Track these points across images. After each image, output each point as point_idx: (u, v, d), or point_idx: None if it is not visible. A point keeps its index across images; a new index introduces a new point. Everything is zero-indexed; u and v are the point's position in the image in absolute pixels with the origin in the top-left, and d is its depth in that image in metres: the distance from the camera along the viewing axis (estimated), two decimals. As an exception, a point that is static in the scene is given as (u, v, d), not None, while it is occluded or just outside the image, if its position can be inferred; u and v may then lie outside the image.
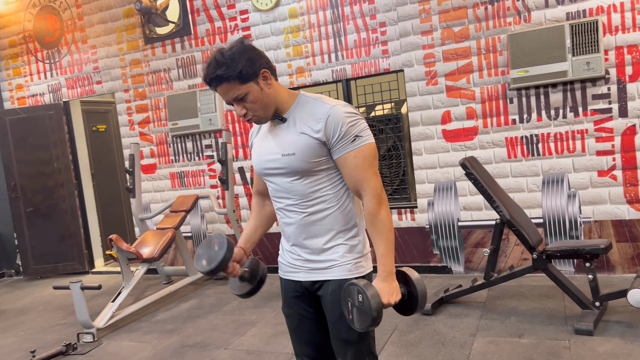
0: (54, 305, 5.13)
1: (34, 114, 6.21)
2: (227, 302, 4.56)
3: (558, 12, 4.07)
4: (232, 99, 1.63)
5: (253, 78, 1.61)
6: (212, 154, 5.51)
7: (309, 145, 1.64)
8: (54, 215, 6.25)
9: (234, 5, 5.19)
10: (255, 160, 1.80)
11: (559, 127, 4.16)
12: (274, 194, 1.77)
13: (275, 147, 1.71)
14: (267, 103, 1.65)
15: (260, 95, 1.63)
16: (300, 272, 1.77)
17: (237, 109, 1.66)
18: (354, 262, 1.71)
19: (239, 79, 1.58)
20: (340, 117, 1.62)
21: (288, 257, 1.81)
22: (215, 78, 1.59)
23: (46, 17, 6.19)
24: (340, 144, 1.63)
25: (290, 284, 1.82)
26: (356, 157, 1.63)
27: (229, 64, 1.57)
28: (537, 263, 3.43)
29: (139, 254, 4.38)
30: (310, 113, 1.66)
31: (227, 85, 1.59)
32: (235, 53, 1.59)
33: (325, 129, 1.62)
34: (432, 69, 4.51)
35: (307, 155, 1.64)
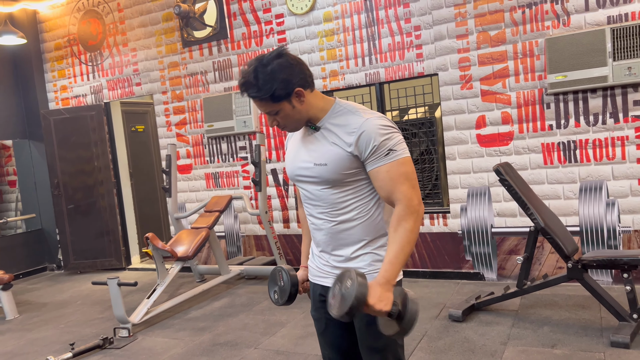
0: (92, 299, 5.30)
1: (77, 114, 6.43)
2: (258, 301, 4.63)
3: (599, 16, 3.97)
4: (264, 112, 1.67)
5: (286, 98, 1.61)
6: (246, 155, 5.60)
7: (340, 157, 1.63)
8: (94, 213, 6.46)
9: (269, 10, 5.26)
10: (288, 165, 1.82)
11: (598, 134, 4.06)
12: (305, 200, 1.80)
13: (307, 155, 1.72)
14: (299, 118, 1.67)
15: (292, 112, 1.64)
16: (328, 278, 1.79)
17: (269, 119, 1.70)
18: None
19: (271, 99, 1.60)
20: (374, 130, 1.60)
21: (317, 262, 1.84)
22: (248, 91, 1.62)
23: (90, 21, 6.41)
24: (373, 157, 1.61)
25: (318, 288, 1.84)
26: (389, 171, 1.60)
27: (261, 87, 1.58)
28: (572, 272, 3.36)
29: (174, 253, 4.49)
30: (343, 124, 1.65)
31: (260, 102, 1.62)
32: (269, 74, 1.57)
33: (358, 143, 1.61)
34: (467, 73, 4.46)
35: (338, 166, 1.64)
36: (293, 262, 5.43)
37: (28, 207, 6.89)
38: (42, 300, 5.45)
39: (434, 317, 3.81)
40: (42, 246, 6.88)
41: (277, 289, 1.90)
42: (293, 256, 5.45)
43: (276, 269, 1.90)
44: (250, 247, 5.73)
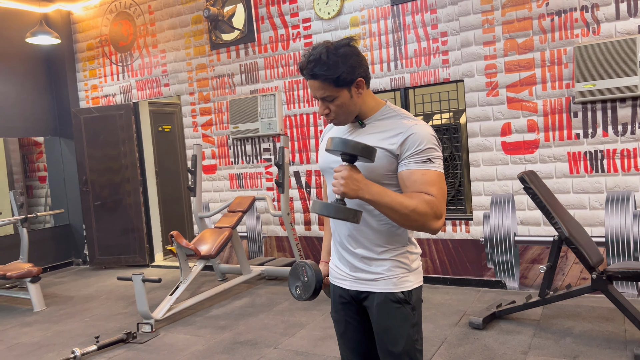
0: (116, 295, 5.42)
1: (106, 113, 6.59)
2: (278, 302, 4.67)
3: (630, 25, 3.92)
4: (321, 98, 1.63)
5: (348, 85, 1.60)
6: (269, 157, 5.66)
7: (381, 155, 1.62)
8: (120, 210, 6.60)
9: (297, 14, 5.32)
10: (322, 155, 1.80)
11: (626, 144, 4.00)
12: (331, 194, 1.79)
13: None
14: (352, 110, 1.66)
15: (348, 102, 1.63)
16: (347, 281, 1.79)
17: (321, 106, 1.66)
18: (400, 277, 1.71)
19: (334, 82, 1.58)
20: (424, 135, 1.59)
21: (338, 263, 1.84)
22: (312, 74, 1.58)
23: (121, 22, 6.57)
24: (411, 158, 1.59)
25: (339, 290, 1.85)
26: (425, 175, 1.58)
27: (330, 66, 1.56)
28: (596, 283, 3.31)
29: (197, 251, 4.57)
30: (391, 127, 1.64)
31: (321, 84, 1.59)
32: (340, 56, 1.57)
33: (404, 142, 1.59)
34: (494, 80, 4.44)
35: (375, 165, 1.62)
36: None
37: (57, 202, 7.08)
38: (69, 294, 5.59)
39: (454, 324, 3.80)
40: (69, 241, 7.06)
41: (300, 284, 1.91)
42: (314, 258, 5.48)
43: (299, 263, 1.91)
44: (272, 248, 5.78)
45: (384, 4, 4.86)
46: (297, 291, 1.91)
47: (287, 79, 5.45)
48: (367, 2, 4.94)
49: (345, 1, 5.03)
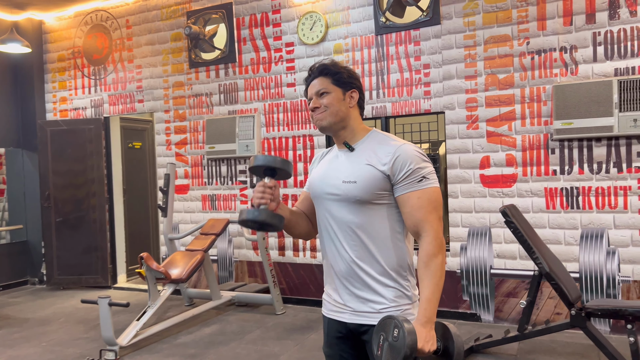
0: (76, 318, 5.13)
1: (75, 127, 6.35)
2: (250, 330, 4.51)
3: (606, 67, 4.06)
4: (316, 92, 1.73)
5: (342, 87, 1.73)
6: (245, 179, 5.55)
7: (372, 175, 1.65)
8: (83, 227, 6.32)
9: (280, 37, 5.30)
10: (315, 184, 1.79)
11: (601, 182, 4.10)
12: (327, 224, 1.74)
13: (337, 173, 1.73)
14: (339, 113, 1.72)
15: (339, 103, 1.72)
16: (346, 313, 1.73)
17: (312, 102, 1.74)
18: (404, 309, 1.67)
19: (332, 77, 1.73)
20: (411, 155, 1.64)
21: (334, 296, 1.77)
22: (319, 68, 1.75)
23: (96, 35, 6.40)
24: (406, 181, 1.63)
25: (334, 323, 1.77)
26: (420, 198, 1.62)
27: (335, 65, 1.76)
28: (575, 320, 3.33)
29: (168, 274, 4.38)
30: (380, 147, 1.69)
31: (321, 79, 1.74)
32: (345, 67, 1.79)
33: (393, 164, 1.64)
34: (474, 113, 4.51)
35: (368, 185, 1.64)
36: (286, 290, 5.33)
37: (15, 217, 6.72)
38: (24, 316, 5.26)
39: (432, 357, 3.73)
40: (26, 259, 6.69)
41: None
42: (286, 285, 5.36)
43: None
44: (243, 273, 5.63)
45: (368, 33, 4.90)
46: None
47: (267, 102, 5.40)
48: (351, 30, 4.97)
49: (330, 28, 5.05)
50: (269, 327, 4.58)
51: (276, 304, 4.93)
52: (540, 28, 4.25)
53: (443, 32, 4.59)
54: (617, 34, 4.02)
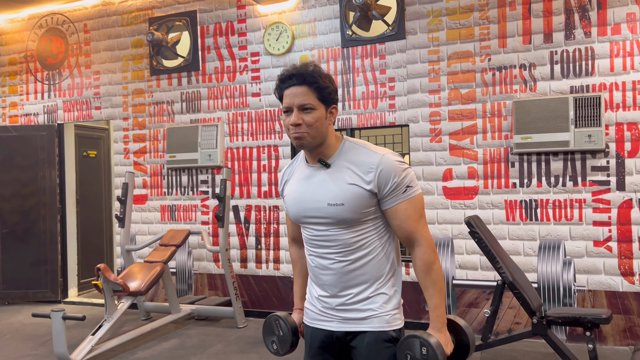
0: (24, 334, 4.84)
1: (26, 133, 6.07)
2: (211, 344, 4.38)
3: (563, 85, 4.24)
4: (299, 105, 1.59)
5: (327, 104, 1.63)
6: (207, 189, 5.44)
7: (359, 195, 1.60)
8: (32, 239, 6.01)
9: (245, 47, 5.27)
10: (292, 206, 1.73)
11: (558, 195, 4.25)
12: (311, 241, 1.71)
13: (318, 194, 1.65)
14: (321, 132, 1.62)
15: (322, 121, 1.62)
16: (333, 322, 1.70)
17: (295, 116, 1.59)
18: (392, 314, 1.67)
19: (319, 93, 1.60)
20: (393, 167, 1.60)
21: (318, 305, 1.74)
22: (302, 75, 1.59)
23: (51, 39, 6.17)
24: (392, 195, 1.61)
25: (319, 333, 1.74)
26: (407, 209, 1.62)
27: (323, 79, 1.61)
28: (537, 328, 3.41)
29: (126, 287, 4.21)
30: (358, 162, 1.62)
31: (305, 90, 1.59)
32: (329, 77, 1.65)
33: (378, 180, 1.59)
34: (437, 126, 4.60)
35: (356, 205, 1.60)
36: (248, 304, 5.23)
37: (-44, 228, 6.32)
38: (-35, 332, 4.92)
39: (397, 368, 3.73)
40: (-33, 272, 6.28)
41: (276, 339, 1.83)
42: (248, 297, 5.25)
43: (272, 317, 1.83)
44: (203, 286, 5.48)
45: (335, 45, 4.94)
46: (274, 346, 1.83)
47: (232, 111, 5.33)
48: (318, 42, 5.00)
49: (297, 39, 5.07)
50: (231, 341, 4.46)
51: (238, 317, 4.82)
52: (501, 45, 4.41)
53: (408, 46, 4.69)
54: (573, 54, 4.22)
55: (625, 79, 4.08)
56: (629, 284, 4.06)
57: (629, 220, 4.07)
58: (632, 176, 4.06)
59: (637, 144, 4.05)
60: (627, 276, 4.07)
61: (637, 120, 4.05)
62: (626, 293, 4.06)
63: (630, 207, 4.07)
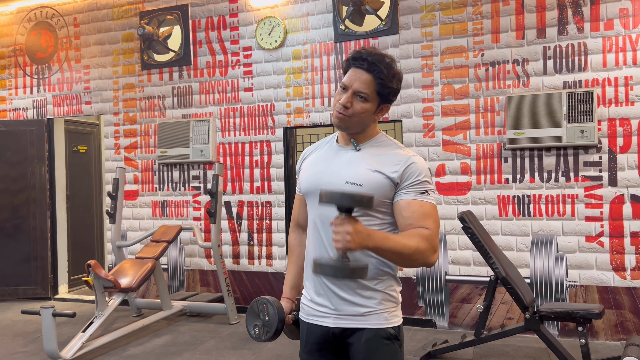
0: (14, 331, 4.79)
1: (15, 128, 5.99)
2: (204, 340, 4.36)
3: (555, 80, 4.24)
4: (356, 89, 1.58)
5: (383, 100, 1.62)
6: (198, 185, 5.40)
7: (380, 182, 1.59)
8: (21, 235, 5.94)
9: (237, 41, 5.23)
10: (308, 177, 1.71)
11: (550, 190, 4.26)
12: (317, 223, 1.66)
13: (339, 171, 1.64)
14: (363, 123, 1.63)
15: (369, 114, 1.62)
16: (330, 318, 1.66)
17: (346, 97, 1.58)
18: (391, 311, 1.64)
19: (380, 87, 1.59)
20: (423, 168, 1.61)
21: (317, 299, 1.70)
22: (374, 65, 1.57)
23: (41, 32, 6.09)
24: (410, 189, 1.58)
25: (315, 328, 1.70)
26: (423, 207, 1.57)
27: (391, 75, 1.59)
28: (529, 323, 3.42)
29: (117, 283, 4.17)
30: (387, 154, 1.63)
31: (368, 78, 1.58)
32: (398, 75, 1.63)
33: (404, 171, 1.58)
34: (430, 122, 4.59)
35: (374, 190, 1.57)
36: (240, 300, 5.20)
37: (-56, 224, 6.24)
38: (-47, 330, 4.86)
39: (390, 364, 3.73)
40: (-44, 269, 6.21)
41: (260, 324, 1.76)
42: (240, 294, 5.23)
43: (260, 300, 1.76)
44: (195, 282, 5.45)
45: (328, 40, 4.91)
46: (256, 331, 1.76)
47: (224, 106, 5.29)
48: (310, 36, 4.96)
49: (289, 34, 5.03)
50: (224, 337, 4.44)
51: (230, 314, 4.80)
52: (494, 41, 4.40)
53: (401, 41, 4.67)
54: (566, 49, 4.21)
55: (617, 75, 4.08)
56: (620, 279, 4.07)
57: (620, 216, 4.08)
58: (624, 171, 4.07)
59: (630, 139, 4.06)
60: (618, 271, 4.08)
61: (630, 115, 4.06)
62: (618, 288, 4.08)
63: (622, 203, 4.08)
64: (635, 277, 4.04)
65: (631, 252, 4.05)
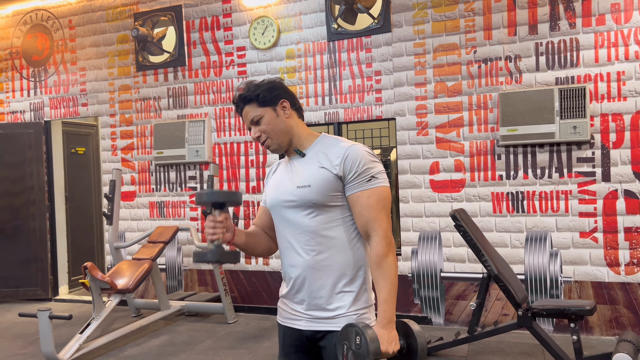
0: (13, 333, 4.84)
1: (12, 131, 6.03)
2: (201, 340, 4.39)
3: (548, 76, 4.24)
4: (249, 121, 1.71)
5: (270, 104, 1.70)
6: (195, 185, 5.42)
7: (326, 178, 1.65)
8: (21, 237, 5.98)
9: (231, 42, 5.24)
10: (270, 193, 1.79)
11: (544, 186, 4.26)
12: (283, 231, 1.73)
13: (291, 179, 1.72)
14: (281, 130, 1.71)
15: (275, 120, 1.70)
16: (302, 320, 1.71)
17: (252, 131, 1.73)
18: (360, 314, 1.67)
19: (257, 101, 1.69)
20: (360, 154, 1.65)
21: (290, 304, 1.75)
22: (240, 99, 1.72)
23: (37, 35, 6.11)
24: (355, 181, 1.64)
25: (290, 331, 1.75)
26: (370, 197, 1.63)
27: (250, 88, 1.71)
28: (522, 320, 3.43)
29: (114, 284, 4.20)
30: (331, 149, 1.69)
31: (248, 108, 1.71)
32: (258, 83, 1.73)
33: (344, 164, 1.64)
34: (424, 120, 4.60)
35: (322, 187, 1.64)
36: (237, 299, 5.24)
37: (-55, 227, 6.29)
38: (-46, 332, 4.91)
39: (385, 362, 3.75)
40: (-43, 271, 6.26)
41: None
42: (238, 293, 5.26)
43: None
44: (193, 282, 5.48)
45: (321, 39, 4.91)
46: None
47: (218, 106, 5.31)
48: (303, 36, 4.97)
49: (282, 33, 5.03)
50: (221, 337, 4.47)
51: (227, 313, 4.83)
52: (486, 37, 4.39)
53: (394, 39, 4.67)
54: (558, 45, 4.21)
55: (610, 70, 4.08)
56: (614, 274, 4.08)
57: (614, 211, 4.08)
58: (617, 167, 4.07)
59: (622, 134, 4.06)
60: (612, 267, 4.09)
61: (622, 111, 4.05)
62: (612, 283, 4.09)
63: (615, 198, 4.08)
64: (629, 272, 4.05)
65: (625, 247, 4.06)
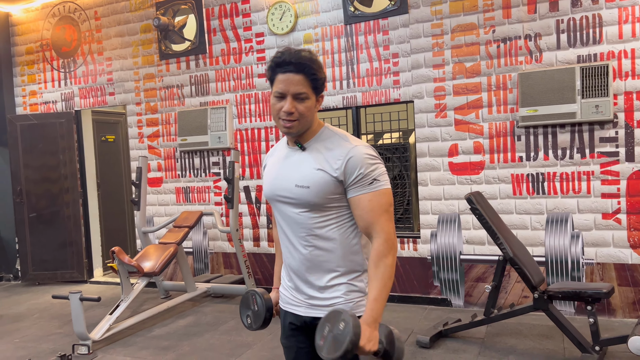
0: (51, 313, 5.11)
1: (45, 121, 6.27)
2: (225, 321, 4.54)
3: (569, 55, 4.13)
4: (294, 93, 1.61)
5: (318, 93, 1.66)
6: (218, 171, 5.55)
7: (325, 181, 1.64)
8: (57, 222, 6.26)
9: (250, 28, 5.28)
10: (267, 184, 1.80)
11: (565, 167, 4.18)
12: (280, 222, 1.78)
13: (290, 176, 1.71)
14: (310, 121, 1.67)
15: (312, 110, 1.65)
16: (301, 307, 1.76)
17: (289, 104, 1.61)
18: (356, 301, 1.70)
19: (315, 82, 1.63)
20: (361, 158, 1.63)
21: (290, 289, 1.81)
22: (301, 64, 1.59)
23: (65, 27, 6.30)
24: (357, 184, 1.63)
25: (290, 316, 1.81)
26: (371, 201, 1.62)
27: (318, 68, 1.63)
28: (538, 303, 3.42)
29: (140, 268, 4.38)
30: (330, 150, 1.66)
31: (301, 79, 1.60)
32: (320, 64, 1.67)
33: (345, 168, 1.62)
34: (442, 102, 4.56)
35: (321, 190, 1.64)
36: (262, 281, 5.37)
37: (-13, 214, 6.64)
38: (-3, 313, 5.23)
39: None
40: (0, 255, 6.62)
41: (251, 314, 1.88)
42: (262, 275, 5.39)
43: (249, 292, 1.88)
44: (219, 265, 5.65)
45: (338, 22, 4.90)
46: (248, 320, 1.88)
47: (239, 92, 5.38)
48: (321, 20, 4.97)
49: (300, 18, 5.04)
50: (244, 318, 4.61)
51: (251, 295, 4.96)
52: (505, 16, 4.30)
53: (411, 21, 4.62)
54: (580, 22, 4.08)
55: (634, 46, 3.94)
56: (638, 255, 4.00)
57: (638, 192, 3.98)
58: (642, 146, 3.96)
59: (647, 113, 3.93)
60: (636, 248, 4.00)
61: (647, 88, 3.93)
62: (635, 265, 4.01)
63: (639, 179, 3.98)
64: (653, 254, 3.96)
65: (649, 228, 3.96)
